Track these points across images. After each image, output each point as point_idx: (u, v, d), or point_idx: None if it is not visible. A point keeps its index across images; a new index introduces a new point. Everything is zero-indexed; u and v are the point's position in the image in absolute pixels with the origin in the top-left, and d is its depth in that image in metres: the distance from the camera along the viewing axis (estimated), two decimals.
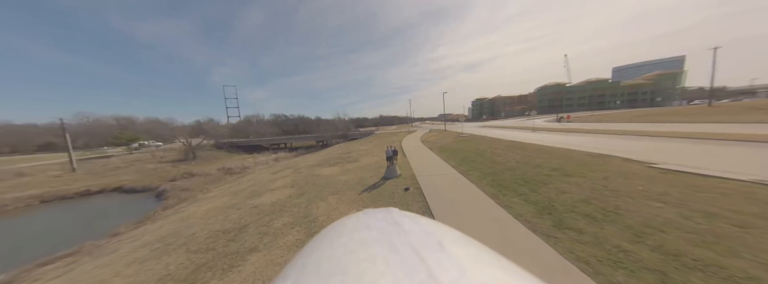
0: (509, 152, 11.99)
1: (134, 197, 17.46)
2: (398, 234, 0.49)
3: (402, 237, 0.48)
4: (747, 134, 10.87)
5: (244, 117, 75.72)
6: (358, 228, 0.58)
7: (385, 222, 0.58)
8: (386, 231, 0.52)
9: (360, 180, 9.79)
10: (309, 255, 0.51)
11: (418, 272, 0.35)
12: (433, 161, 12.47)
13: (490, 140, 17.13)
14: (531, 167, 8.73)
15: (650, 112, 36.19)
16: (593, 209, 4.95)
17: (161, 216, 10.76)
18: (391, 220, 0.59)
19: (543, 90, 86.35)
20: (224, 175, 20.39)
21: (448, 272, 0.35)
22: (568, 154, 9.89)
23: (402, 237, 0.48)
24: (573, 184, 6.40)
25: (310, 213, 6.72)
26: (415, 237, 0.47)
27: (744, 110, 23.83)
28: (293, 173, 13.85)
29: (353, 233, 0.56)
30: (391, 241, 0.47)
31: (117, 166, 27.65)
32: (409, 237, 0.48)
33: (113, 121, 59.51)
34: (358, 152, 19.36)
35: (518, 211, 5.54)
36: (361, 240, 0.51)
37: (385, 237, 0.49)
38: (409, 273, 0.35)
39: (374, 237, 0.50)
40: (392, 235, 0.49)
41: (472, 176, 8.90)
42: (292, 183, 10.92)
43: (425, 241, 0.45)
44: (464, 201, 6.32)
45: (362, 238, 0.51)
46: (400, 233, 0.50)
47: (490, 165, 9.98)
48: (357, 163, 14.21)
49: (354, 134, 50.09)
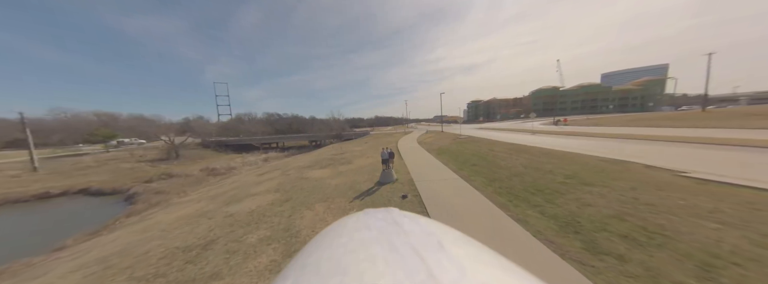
0: (513, 155, 11.21)
1: (101, 200, 15.73)
2: (398, 234, 0.49)
3: (402, 237, 0.47)
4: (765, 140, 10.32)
5: (236, 115, 73.41)
6: (358, 228, 0.57)
7: (385, 222, 0.58)
8: (386, 231, 0.51)
9: (352, 185, 8.82)
10: (309, 255, 0.51)
11: (418, 272, 0.35)
12: (431, 164, 11.59)
13: (490, 143, 16.39)
14: (541, 173, 7.92)
15: (644, 116, 36.26)
16: (631, 229, 4.12)
17: (122, 224, 9.50)
18: (391, 220, 0.58)
19: (538, 93, 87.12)
20: (207, 176, 19.02)
21: (448, 272, 0.35)
22: (579, 159, 9.14)
23: (402, 237, 0.48)
24: (596, 195, 5.59)
25: (293, 226, 5.74)
26: (415, 237, 0.47)
27: (740, 116, 23.79)
28: (281, 176, 12.78)
29: (353, 233, 0.55)
30: (391, 241, 0.46)
31: (88, 165, 25.38)
32: (409, 237, 0.47)
33: (93, 117, 55.21)
34: (351, 154, 18.38)
35: (536, 227, 4.68)
36: (361, 240, 0.50)
37: (385, 237, 0.48)
38: (409, 273, 0.35)
39: (374, 237, 0.50)
40: (392, 235, 0.49)
41: (476, 182, 8.04)
42: (277, 187, 9.88)
43: (425, 241, 0.45)
44: (471, 212, 5.44)
45: (362, 238, 0.51)
46: (400, 233, 0.50)
47: (495, 170, 9.15)
48: (350, 165, 13.23)
49: (349, 134, 48.93)
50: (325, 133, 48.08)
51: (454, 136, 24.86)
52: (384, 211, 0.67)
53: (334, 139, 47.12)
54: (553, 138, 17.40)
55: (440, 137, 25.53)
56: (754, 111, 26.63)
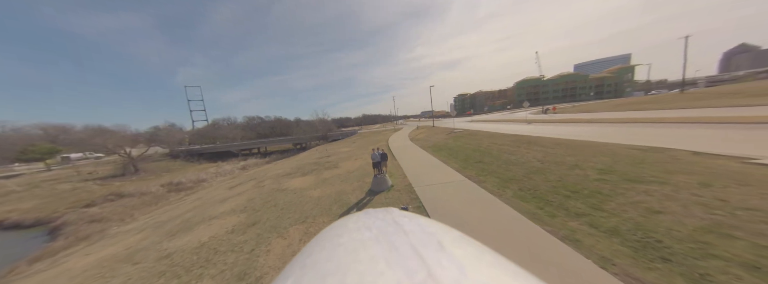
0: (522, 148, 9.89)
1: (16, 235, 12.56)
2: (398, 234, 0.49)
3: (402, 237, 0.47)
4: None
5: (213, 121, 68.76)
6: (357, 228, 0.57)
7: (384, 221, 0.57)
8: (386, 231, 0.51)
9: (338, 197, 7.14)
10: (309, 255, 0.50)
11: (418, 272, 0.35)
12: (430, 163, 10.08)
13: (489, 135, 15.11)
14: (566, 168, 6.57)
15: (626, 101, 36.61)
16: (749, 250, 2.74)
17: (10, 278, 6.94)
18: (391, 220, 0.58)
19: (521, 84, 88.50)
20: (168, 193, 16.53)
21: (448, 272, 0.35)
22: (603, 148, 7.91)
23: (402, 237, 0.47)
24: (660, 196, 4.23)
25: (253, 267, 4.02)
26: (415, 237, 0.47)
27: (721, 96, 24.05)
28: (254, 188, 10.85)
29: (353, 233, 0.54)
30: (391, 241, 0.46)
31: (11, 190, 20.68)
32: (409, 237, 0.47)
33: (39, 130, 46.93)
34: (338, 156, 16.59)
35: (596, 250, 3.27)
36: (361, 240, 0.49)
37: (385, 237, 0.48)
38: (409, 273, 0.35)
39: (374, 236, 0.49)
40: (392, 235, 0.49)
41: (487, 183, 6.59)
42: (245, 204, 8.01)
43: (425, 241, 0.45)
44: (496, 229, 3.96)
45: (362, 238, 0.50)
46: (400, 233, 0.49)
47: (506, 167, 7.76)
48: (336, 170, 11.50)
49: (335, 134, 46.74)
50: (309, 135, 45.56)
51: (446, 130, 23.57)
52: (384, 211, 0.66)
53: (320, 140, 44.82)
54: (553, 126, 16.39)
55: (433, 132, 24.17)
56: (730, 90, 27.15)
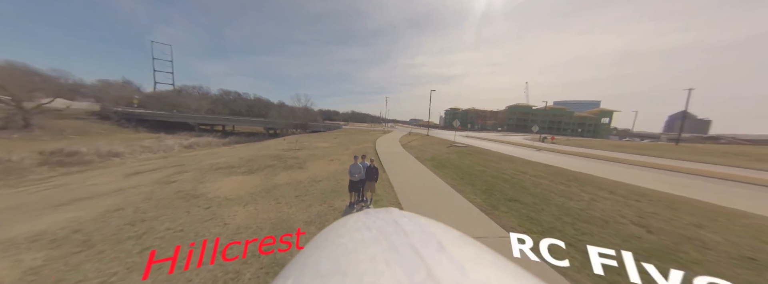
0: (573, 187, 6.93)
1: None
2: (398, 234, 0.49)
3: (402, 237, 0.47)
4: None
5: (181, 86, 60.57)
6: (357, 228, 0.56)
7: (384, 221, 0.57)
8: (386, 231, 0.51)
9: (273, 229, 3.64)
10: (309, 255, 0.50)
11: (418, 272, 0.35)
12: (433, 185, 6.91)
13: (506, 159, 12.24)
14: (664, 237, 3.67)
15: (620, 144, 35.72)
16: None
17: None
18: (390, 220, 0.58)
19: (513, 109, 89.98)
20: (41, 166, 11.48)
21: (448, 272, 0.35)
22: (716, 209, 5.17)
23: (402, 236, 0.47)
24: None
25: None
26: (415, 237, 0.47)
27: (721, 155, 23.44)
28: (154, 184, 6.99)
29: (353, 233, 0.54)
30: (391, 241, 0.46)
31: None
32: (409, 236, 0.47)
33: None
34: (310, 151, 12.97)
35: None
36: (361, 239, 0.49)
37: (385, 237, 0.48)
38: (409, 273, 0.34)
39: (374, 236, 0.49)
40: (392, 235, 0.48)
41: (557, 253, 3.46)
42: (80, 226, 4.26)
43: (425, 241, 0.45)
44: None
45: (362, 238, 0.50)
46: (400, 233, 0.49)
47: (572, 223, 4.77)
48: (299, 172, 7.98)
49: (317, 125, 42.42)
50: (286, 120, 40.70)
51: (444, 142, 20.71)
52: (384, 211, 0.66)
53: (297, 129, 40.30)
54: (575, 159, 13.95)
55: (428, 142, 21.19)
56: (727, 150, 26.96)
